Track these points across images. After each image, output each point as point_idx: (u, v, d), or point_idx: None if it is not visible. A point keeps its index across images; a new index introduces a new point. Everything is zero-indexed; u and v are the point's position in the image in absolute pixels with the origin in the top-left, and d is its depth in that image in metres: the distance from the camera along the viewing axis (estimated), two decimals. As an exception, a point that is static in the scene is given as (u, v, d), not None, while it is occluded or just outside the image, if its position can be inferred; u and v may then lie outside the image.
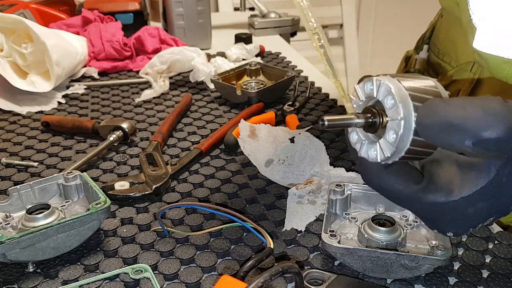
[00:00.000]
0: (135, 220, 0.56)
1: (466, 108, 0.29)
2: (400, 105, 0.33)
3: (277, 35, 1.32)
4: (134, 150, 0.72)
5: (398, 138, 0.33)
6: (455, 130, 0.29)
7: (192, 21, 1.15)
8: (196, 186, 0.63)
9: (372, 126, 0.35)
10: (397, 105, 0.33)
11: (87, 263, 0.49)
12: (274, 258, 0.50)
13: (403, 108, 0.33)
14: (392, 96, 0.33)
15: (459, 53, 0.76)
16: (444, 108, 0.30)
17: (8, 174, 0.65)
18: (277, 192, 0.61)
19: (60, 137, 0.76)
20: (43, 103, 0.88)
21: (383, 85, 0.34)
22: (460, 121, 0.29)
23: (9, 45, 0.90)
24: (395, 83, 0.34)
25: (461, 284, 0.47)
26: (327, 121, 0.34)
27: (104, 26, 1.07)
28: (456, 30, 0.76)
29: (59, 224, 0.47)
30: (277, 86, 0.87)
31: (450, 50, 0.79)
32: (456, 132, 0.29)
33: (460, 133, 0.29)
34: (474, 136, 0.29)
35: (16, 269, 0.48)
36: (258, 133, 0.66)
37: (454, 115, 0.29)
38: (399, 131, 0.33)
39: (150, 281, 0.47)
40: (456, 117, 0.29)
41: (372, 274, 0.47)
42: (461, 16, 0.70)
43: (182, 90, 0.94)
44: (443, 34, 0.81)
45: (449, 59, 0.78)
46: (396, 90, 0.33)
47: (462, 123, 0.29)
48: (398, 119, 0.33)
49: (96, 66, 1.02)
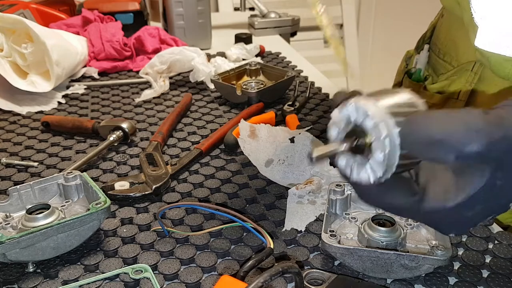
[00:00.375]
0: (135, 220, 0.56)
1: (448, 123, 0.30)
2: (380, 124, 0.33)
3: (277, 35, 1.32)
4: (134, 150, 0.72)
5: (386, 156, 0.33)
6: (438, 145, 0.30)
7: (192, 21, 1.15)
8: (196, 186, 0.63)
9: (359, 149, 0.35)
10: (377, 124, 0.33)
11: (87, 263, 0.49)
12: (274, 258, 0.50)
13: (385, 126, 0.33)
14: (371, 117, 0.33)
15: (460, 53, 0.76)
16: (426, 123, 0.31)
17: (8, 174, 0.65)
18: (277, 192, 0.61)
19: (60, 137, 0.76)
20: (43, 103, 0.88)
21: (359, 108, 0.34)
22: (442, 136, 0.30)
23: (9, 45, 0.90)
24: (370, 103, 0.34)
25: (461, 284, 0.47)
26: (315, 158, 0.34)
27: (104, 26, 1.07)
28: (456, 29, 0.76)
29: (59, 224, 0.47)
30: (277, 86, 0.87)
31: (451, 49, 0.79)
32: (439, 147, 0.30)
33: (443, 148, 0.30)
34: (456, 151, 0.30)
35: (16, 269, 0.48)
36: (258, 133, 0.66)
37: (437, 131, 0.30)
38: (386, 149, 0.33)
39: (150, 281, 0.47)
40: (438, 132, 0.30)
41: (372, 274, 0.47)
42: (463, 15, 0.70)
43: (182, 90, 0.94)
44: (443, 33, 0.81)
45: (450, 59, 0.78)
46: (373, 110, 0.33)
47: (444, 138, 0.30)
48: (382, 138, 0.33)
49: (96, 66, 1.02)
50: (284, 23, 1.33)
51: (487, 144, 0.29)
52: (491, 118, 0.30)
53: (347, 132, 0.36)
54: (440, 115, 0.31)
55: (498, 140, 0.29)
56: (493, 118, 0.30)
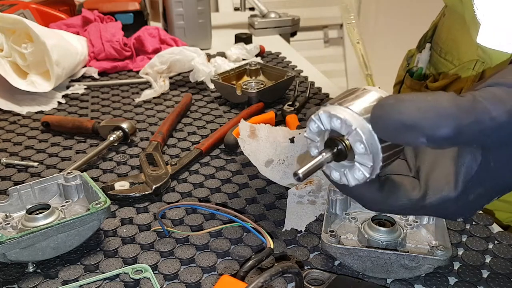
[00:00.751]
0: (135, 220, 0.56)
1: (419, 108, 0.30)
2: (347, 119, 0.33)
3: (277, 35, 1.32)
4: (134, 150, 0.72)
5: (366, 144, 0.33)
6: (409, 130, 0.30)
7: (192, 21, 1.15)
8: (196, 186, 0.63)
9: (341, 153, 0.35)
10: (344, 120, 0.33)
11: (87, 263, 0.49)
12: (274, 258, 0.50)
13: (352, 118, 0.33)
14: (336, 117, 0.33)
15: (461, 52, 0.76)
16: (397, 108, 0.31)
17: (8, 174, 0.65)
18: (277, 192, 0.61)
19: (60, 137, 0.76)
20: (43, 103, 0.88)
21: (322, 115, 0.34)
22: (412, 121, 0.30)
23: (9, 45, 0.90)
24: (332, 107, 0.34)
25: (461, 284, 0.47)
26: (301, 175, 0.34)
27: (104, 26, 1.07)
28: (458, 28, 0.76)
29: (59, 224, 0.47)
30: (277, 86, 0.87)
31: (452, 48, 0.79)
32: (410, 132, 0.30)
33: (414, 132, 0.30)
34: (427, 135, 0.30)
35: (16, 269, 0.48)
36: (258, 133, 0.66)
37: (407, 116, 0.30)
38: (362, 138, 0.33)
39: (150, 281, 0.47)
40: (408, 117, 0.30)
41: (372, 274, 0.47)
42: (464, 12, 0.70)
43: (182, 90, 0.94)
44: (445, 32, 0.81)
45: (451, 58, 0.78)
46: (336, 110, 0.34)
47: (415, 123, 0.30)
48: (353, 128, 0.33)
49: (96, 66, 1.02)
50: (284, 23, 1.33)
51: (456, 128, 0.30)
52: (463, 102, 0.30)
53: (325, 142, 0.36)
54: (411, 98, 0.31)
55: (468, 124, 0.30)
56: (465, 102, 0.30)
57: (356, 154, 0.34)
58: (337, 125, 0.34)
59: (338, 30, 2.61)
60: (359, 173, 0.35)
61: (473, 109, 0.30)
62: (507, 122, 0.30)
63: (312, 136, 0.36)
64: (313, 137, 0.36)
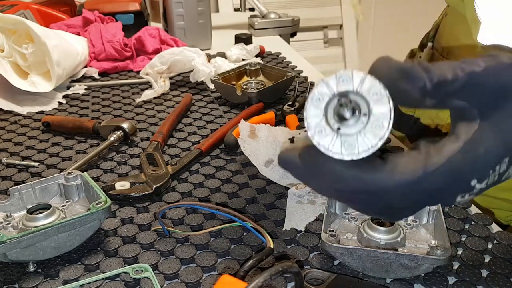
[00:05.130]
0: (136, 220, 0.56)
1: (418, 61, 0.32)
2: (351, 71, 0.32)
3: (277, 35, 1.32)
4: (135, 150, 0.72)
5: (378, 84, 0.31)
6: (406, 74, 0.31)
7: (192, 22, 1.15)
8: (196, 186, 0.63)
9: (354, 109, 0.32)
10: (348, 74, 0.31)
11: (87, 263, 0.49)
12: (274, 257, 0.51)
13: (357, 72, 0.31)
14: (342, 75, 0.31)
15: (463, 52, 0.75)
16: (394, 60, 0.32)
17: (9, 174, 0.66)
18: (277, 192, 0.61)
19: (60, 137, 0.76)
20: (44, 103, 0.88)
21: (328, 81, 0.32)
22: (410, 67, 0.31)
23: (10, 46, 0.90)
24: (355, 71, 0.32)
25: (460, 284, 0.47)
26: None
27: (105, 26, 1.08)
28: (460, 28, 0.76)
29: (59, 224, 0.47)
30: (277, 86, 0.87)
31: (454, 48, 0.78)
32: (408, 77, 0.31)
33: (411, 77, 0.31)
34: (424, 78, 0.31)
35: (17, 269, 0.49)
36: (258, 133, 0.67)
37: (405, 63, 0.31)
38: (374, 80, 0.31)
39: (150, 280, 0.47)
40: (407, 64, 0.31)
41: (371, 274, 0.47)
42: (466, 12, 0.70)
43: (182, 90, 0.95)
44: (447, 32, 0.81)
45: (453, 58, 0.78)
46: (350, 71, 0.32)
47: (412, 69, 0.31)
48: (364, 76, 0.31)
49: (96, 66, 1.02)
50: (284, 24, 1.33)
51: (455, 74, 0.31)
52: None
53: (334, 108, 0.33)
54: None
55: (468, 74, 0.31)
56: None
57: (371, 102, 0.31)
58: (346, 81, 0.31)
59: (338, 30, 2.61)
60: (377, 125, 0.31)
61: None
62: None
63: (316, 111, 0.32)
64: (317, 112, 0.32)
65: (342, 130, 0.32)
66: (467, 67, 0.31)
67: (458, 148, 0.32)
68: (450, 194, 0.33)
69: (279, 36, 1.32)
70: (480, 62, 0.32)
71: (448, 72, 0.31)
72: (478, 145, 0.32)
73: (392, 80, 0.31)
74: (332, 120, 0.32)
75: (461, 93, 0.32)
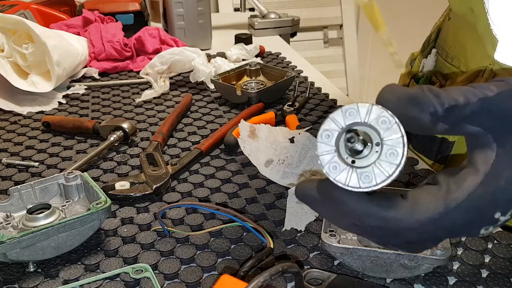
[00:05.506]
0: (136, 220, 0.56)
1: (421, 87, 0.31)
2: (358, 105, 0.32)
3: (277, 35, 1.32)
4: (135, 150, 0.72)
5: (387, 114, 0.31)
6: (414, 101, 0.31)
7: (192, 22, 1.15)
8: (196, 186, 0.63)
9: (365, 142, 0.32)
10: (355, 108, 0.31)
11: (87, 263, 0.49)
12: (274, 257, 0.51)
13: (363, 104, 0.31)
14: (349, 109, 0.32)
15: (468, 58, 0.73)
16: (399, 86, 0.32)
17: (9, 174, 0.66)
18: (277, 192, 0.61)
19: (60, 137, 0.76)
20: (44, 103, 0.88)
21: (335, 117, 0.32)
22: (416, 94, 0.31)
23: (10, 46, 0.90)
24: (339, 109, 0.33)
25: (460, 284, 0.47)
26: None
27: (105, 26, 1.08)
28: (465, 33, 0.74)
29: (59, 224, 0.47)
30: (277, 86, 0.87)
31: (459, 54, 0.75)
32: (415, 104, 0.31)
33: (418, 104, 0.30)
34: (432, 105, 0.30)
35: (17, 269, 0.49)
36: (258, 133, 0.67)
37: (412, 90, 0.31)
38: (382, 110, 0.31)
39: (150, 280, 0.47)
40: (413, 91, 0.31)
41: (371, 274, 0.47)
42: (477, 23, 0.67)
43: (182, 90, 0.95)
44: (451, 37, 0.78)
45: (458, 63, 0.75)
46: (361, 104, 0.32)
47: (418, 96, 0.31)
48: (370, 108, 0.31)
49: (96, 66, 1.02)
50: (284, 24, 1.33)
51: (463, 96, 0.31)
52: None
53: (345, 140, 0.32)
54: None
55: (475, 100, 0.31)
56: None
57: (381, 131, 0.31)
58: (353, 114, 0.31)
59: (338, 30, 2.61)
60: (391, 153, 0.31)
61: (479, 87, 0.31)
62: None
63: (327, 148, 0.32)
64: (328, 149, 0.33)
65: (357, 163, 0.32)
66: (479, 92, 0.31)
67: (478, 182, 0.32)
68: (473, 229, 0.33)
69: (279, 36, 1.32)
70: (492, 86, 0.31)
71: (459, 96, 0.31)
72: (499, 176, 0.31)
73: (400, 108, 0.31)
74: (345, 154, 0.32)
75: (474, 118, 0.31)
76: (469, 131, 0.32)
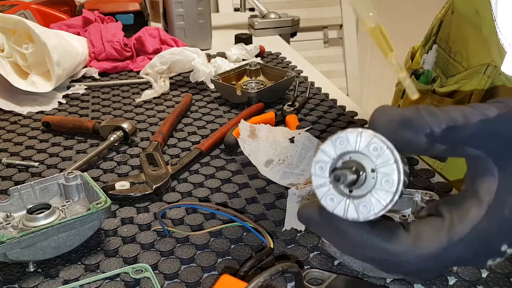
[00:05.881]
0: (136, 220, 0.56)
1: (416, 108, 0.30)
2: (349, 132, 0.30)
3: (277, 35, 1.32)
4: (135, 150, 0.72)
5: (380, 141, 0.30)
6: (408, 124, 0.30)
7: (192, 22, 1.15)
8: (196, 186, 0.63)
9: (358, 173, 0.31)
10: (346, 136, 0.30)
11: (87, 263, 0.49)
12: (274, 257, 0.51)
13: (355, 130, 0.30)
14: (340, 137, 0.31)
15: (470, 53, 0.72)
16: (393, 108, 0.31)
17: (9, 174, 0.66)
18: (277, 192, 0.61)
19: (60, 137, 0.76)
20: (44, 103, 0.88)
21: (326, 147, 0.31)
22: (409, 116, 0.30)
23: (10, 46, 0.90)
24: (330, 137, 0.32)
25: (460, 284, 0.47)
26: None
27: (105, 26, 1.08)
28: (467, 29, 0.72)
29: (59, 224, 0.47)
30: (277, 86, 0.87)
31: (462, 49, 0.74)
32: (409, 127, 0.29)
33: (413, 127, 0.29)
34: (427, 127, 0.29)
35: (17, 269, 0.49)
36: (258, 133, 0.67)
37: (406, 111, 0.30)
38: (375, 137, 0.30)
39: (150, 280, 0.47)
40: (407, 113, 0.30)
41: (371, 274, 0.47)
42: (482, 25, 0.66)
43: (182, 90, 0.95)
44: (454, 31, 0.76)
45: (461, 59, 0.74)
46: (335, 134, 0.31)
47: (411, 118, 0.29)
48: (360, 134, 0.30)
49: (96, 66, 1.02)
50: (284, 24, 1.33)
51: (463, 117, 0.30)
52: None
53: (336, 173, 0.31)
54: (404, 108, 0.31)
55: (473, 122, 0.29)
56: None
57: (373, 158, 0.30)
58: (343, 143, 0.31)
59: (338, 30, 2.61)
60: (386, 180, 0.30)
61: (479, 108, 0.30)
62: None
63: (322, 180, 0.32)
64: (323, 181, 0.32)
65: (354, 192, 0.31)
66: (478, 113, 0.30)
67: (482, 213, 0.30)
68: (479, 261, 0.32)
69: (279, 36, 1.32)
70: (493, 107, 0.30)
71: (458, 117, 0.29)
72: (503, 206, 0.30)
73: (393, 132, 0.30)
74: (341, 185, 0.31)
75: (475, 140, 0.30)
76: (469, 154, 0.31)
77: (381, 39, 0.37)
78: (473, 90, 0.71)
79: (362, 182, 0.31)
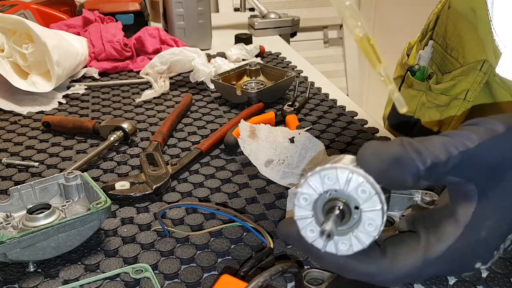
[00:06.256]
0: (136, 220, 0.56)
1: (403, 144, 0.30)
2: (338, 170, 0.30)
3: (277, 35, 1.32)
4: (135, 150, 0.72)
5: (367, 183, 0.30)
6: (397, 163, 0.30)
7: (192, 22, 1.15)
8: (196, 186, 0.63)
9: (343, 212, 0.31)
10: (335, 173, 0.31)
11: (87, 263, 0.49)
12: (274, 257, 0.51)
13: (343, 169, 0.30)
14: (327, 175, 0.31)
15: (466, 50, 0.72)
16: (382, 144, 0.31)
17: (9, 174, 0.66)
18: (277, 191, 0.61)
19: (60, 137, 0.76)
20: (44, 103, 0.88)
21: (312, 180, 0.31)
22: (399, 155, 0.30)
23: (10, 46, 0.90)
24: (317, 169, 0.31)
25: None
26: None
27: (105, 26, 1.08)
28: (463, 25, 0.72)
29: (59, 224, 0.47)
30: (277, 86, 0.87)
31: (458, 45, 0.74)
32: (399, 166, 0.30)
33: (402, 165, 0.29)
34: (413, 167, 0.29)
35: (17, 269, 0.49)
36: (258, 133, 0.67)
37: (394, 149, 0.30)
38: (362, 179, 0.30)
39: (150, 280, 0.47)
40: (395, 151, 0.30)
41: (371, 274, 0.47)
42: (478, 24, 0.66)
43: (182, 90, 0.95)
44: (451, 27, 0.76)
45: (457, 55, 0.74)
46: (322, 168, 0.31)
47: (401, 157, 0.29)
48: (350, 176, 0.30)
49: (96, 66, 1.02)
50: (284, 24, 1.33)
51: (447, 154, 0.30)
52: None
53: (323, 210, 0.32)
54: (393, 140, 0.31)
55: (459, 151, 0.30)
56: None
57: (360, 201, 0.31)
58: (332, 180, 0.31)
59: (338, 30, 2.61)
60: (370, 224, 0.31)
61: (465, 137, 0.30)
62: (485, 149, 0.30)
63: (305, 213, 0.32)
64: (306, 214, 0.32)
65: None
66: (459, 144, 0.30)
67: (458, 234, 0.31)
68: (452, 275, 0.35)
69: (279, 36, 1.32)
70: (473, 136, 0.30)
71: (441, 152, 0.30)
72: (479, 228, 0.31)
73: (383, 172, 0.30)
74: (323, 219, 0.32)
75: (456, 171, 0.30)
76: (450, 182, 0.31)
77: (369, 50, 0.37)
78: (468, 88, 0.71)
79: (345, 220, 0.31)
